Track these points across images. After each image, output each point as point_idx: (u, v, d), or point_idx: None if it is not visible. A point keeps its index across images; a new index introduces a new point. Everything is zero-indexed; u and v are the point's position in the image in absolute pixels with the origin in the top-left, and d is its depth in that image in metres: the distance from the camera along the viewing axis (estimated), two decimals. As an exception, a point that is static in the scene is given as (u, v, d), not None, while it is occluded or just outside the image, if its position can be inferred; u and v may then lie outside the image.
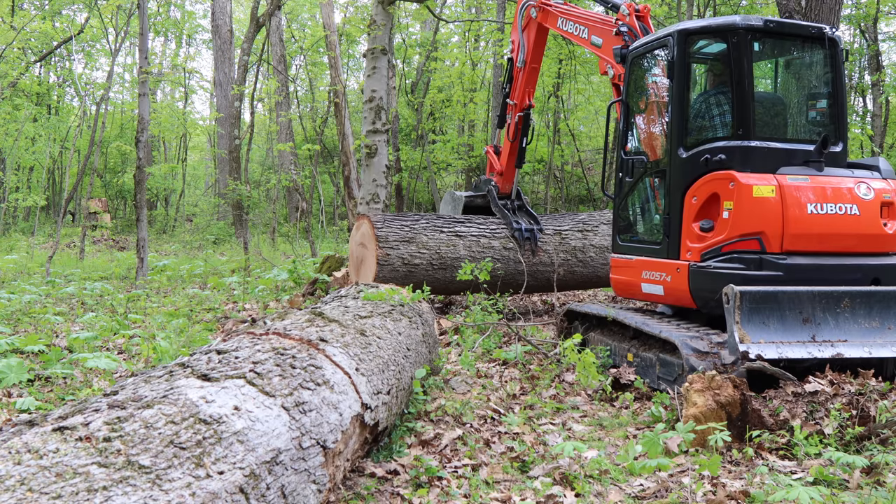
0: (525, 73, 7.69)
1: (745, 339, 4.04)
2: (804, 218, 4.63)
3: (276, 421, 2.31)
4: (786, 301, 4.20)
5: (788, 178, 4.69)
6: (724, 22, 5.06)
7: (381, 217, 7.43)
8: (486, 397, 4.55)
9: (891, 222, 4.87)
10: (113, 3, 12.87)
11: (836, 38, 5.15)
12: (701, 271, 4.77)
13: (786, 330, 4.16)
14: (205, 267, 11.76)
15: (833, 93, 5.25)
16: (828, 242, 4.71)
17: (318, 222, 20.16)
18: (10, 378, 4.36)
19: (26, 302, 7.55)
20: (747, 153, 4.78)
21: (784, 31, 5.15)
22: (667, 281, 5.10)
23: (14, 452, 1.69)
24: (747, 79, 4.87)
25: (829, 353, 4.09)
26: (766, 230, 4.60)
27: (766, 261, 4.59)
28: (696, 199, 4.94)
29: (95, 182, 22.61)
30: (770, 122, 5.18)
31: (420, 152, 18.84)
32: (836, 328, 4.23)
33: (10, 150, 18.25)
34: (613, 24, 6.04)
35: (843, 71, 5.22)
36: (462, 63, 18.78)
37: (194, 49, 35.67)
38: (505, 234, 7.61)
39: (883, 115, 17.22)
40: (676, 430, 3.40)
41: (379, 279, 7.04)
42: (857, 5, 16.65)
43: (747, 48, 4.90)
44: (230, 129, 17.72)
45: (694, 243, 4.89)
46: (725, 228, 4.70)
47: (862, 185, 4.82)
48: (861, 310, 4.30)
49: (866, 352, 4.15)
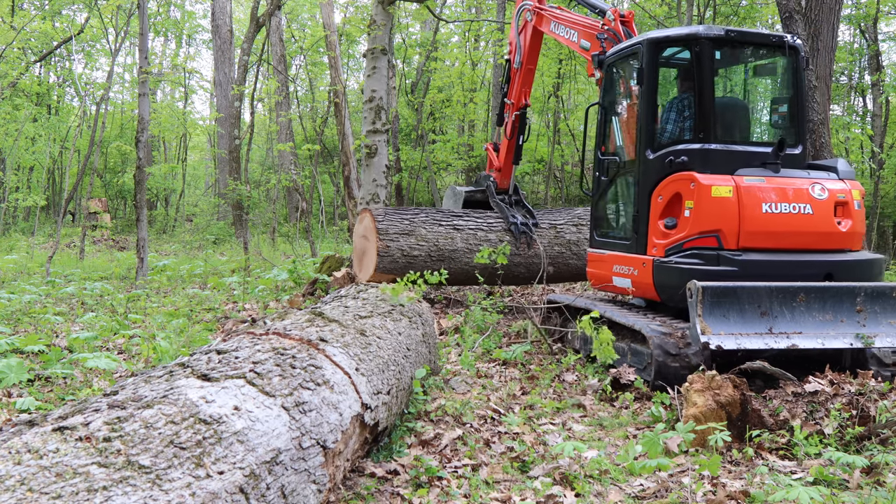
0: (521, 73, 7.92)
1: (707, 331, 4.25)
2: (759, 217, 4.89)
3: (276, 421, 2.31)
4: (745, 295, 4.43)
5: (745, 178, 4.96)
6: (688, 32, 5.42)
7: (381, 210, 7.71)
8: (486, 397, 4.55)
9: (845, 221, 5.10)
10: (113, 3, 12.87)
11: (797, 45, 5.42)
12: (663, 266, 5.07)
13: (745, 322, 4.38)
14: (205, 267, 11.76)
15: (794, 98, 5.52)
16: (782, 240, 4.97)
17: (318, 222, 20.15)
18: (10, 378, 4.36)
19: (26, 302, 7.55)
20: (707, 155, 5.07)
21: (745, 39, 5.50)
22: (634, 275, 5.43)
23: (14, 452, 1.69)
24: (708, 85, 5.19)
25: (785, 344, 4.34)
26: (724, 228, 4.87)
27: (722, 257, 4.84)
28: (661, 198, 5.24)
29: (95, 182, 22.61)
30: (731, 126, 5.47)
31: (420, 152, 18.83)
32: (792, 321, 4.46)
33: (10, 150, 18.25)
34: (600, 29, 6.25)
35: (803, 77, 5.51)
36: (462, 63, 18.77)
37: (194, 49, 35.70)
38: (501, 228, 7.90)
39: (883, 115, 17.22)
40: (676, 430, 3.40)
41: (379, 270, 7.35)
42: (857, 5, 16.65)
43: (708, 56, 5.20)
44: (230, 129, 17.72)
45: (659, 240, 5.19)
46: (687, 226, 5.00)
47: (816, 185, 5.07)
48: (816, 304, 4.53)
49: (819, 343, 4.38)
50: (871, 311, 4.57)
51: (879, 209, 16.49)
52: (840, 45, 17.21)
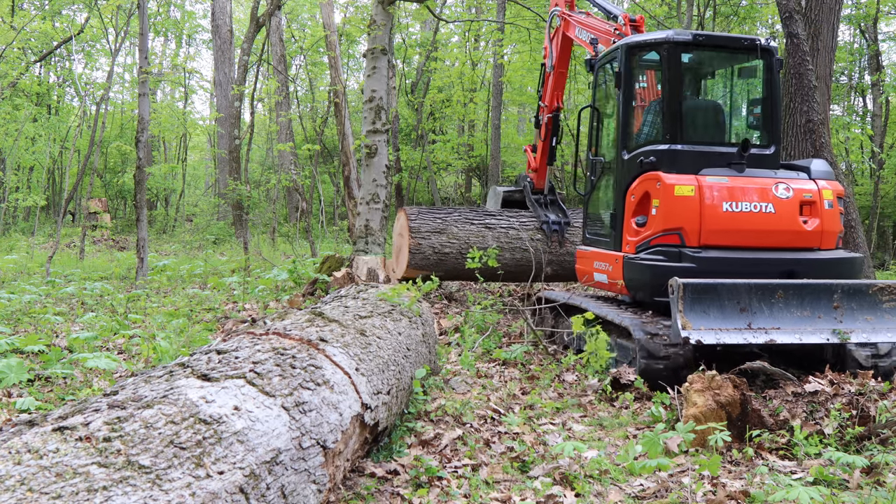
0: (553, 77, 8.19)
1: (687, 326, 4.34)
2: (720, 215, 5.02)
3: (276, 421, 2.30)
4: (725, 292, 4.51)
5: (708, 178, 5.10)
6: (658, 36, 5.58)
7: (415, 210, 8.18)
8: (486, 397, 4.55)
9: (811, 220, 5.20)
10: (113, 3, 12.86)
11: (770, 48, 5.51)
12: (631, 262, 5.28)
13: (724, 318, 4.47)
14: (205, 267, 11.75)
15: (767, 99, 5.63)
16: (743, 238, 5.09)
17: (318, 222, 20.15)
18: (10, 378, 4.36)
19: (26, 302, 7.55)
20: (673, 155, 5.24)
21: (716, 43, 5.68)
22: (609, 270, 5.66)
23: (14, 452, 1.69)
24: (676, 87, 5.37)
25: (763, 339, 4.41)
26: (686, 226, 5.03)
27: (683, 254, 4.98)
28: (633, 197, 5.42)
29: (95, 182, 22.59)
30: (699, 127, 5.62)
31: (420, 152, 18.83)
32: (771, 317, 4.55)
33: (10, 150, 18.24)
34: (615, 34, 6.37)
35: (777, 79, 5.60)
36: (462, 63, 18.77)
37: (194, 49, 35.66)
38: (534, 227, 8.22)
39: (883, 115, 17.22)
40: (676, 430, 3.40)
41: (411, 266, 7.81)
42: (857, 5, 16.64)
43: (676, 60, 5.40)
44: (230, 129, 17.71)
45: (631, 237, 5.39)
46: (654, 224, 5.17)
47: (781, 185, 5.18)
48: (794, 300, 4.61)
49: (797, 338, 4.47)
50: (848, 307, 4.65)
51: (879, 209, 16.48)
52: (840, 45, 17.21)
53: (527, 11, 14.09)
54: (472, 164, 20.83)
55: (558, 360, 5.49)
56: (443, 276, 8.03)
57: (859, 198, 16.85)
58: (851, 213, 7.87)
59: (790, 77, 9.42)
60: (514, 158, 20.82)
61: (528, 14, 14.39)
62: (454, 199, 22.34)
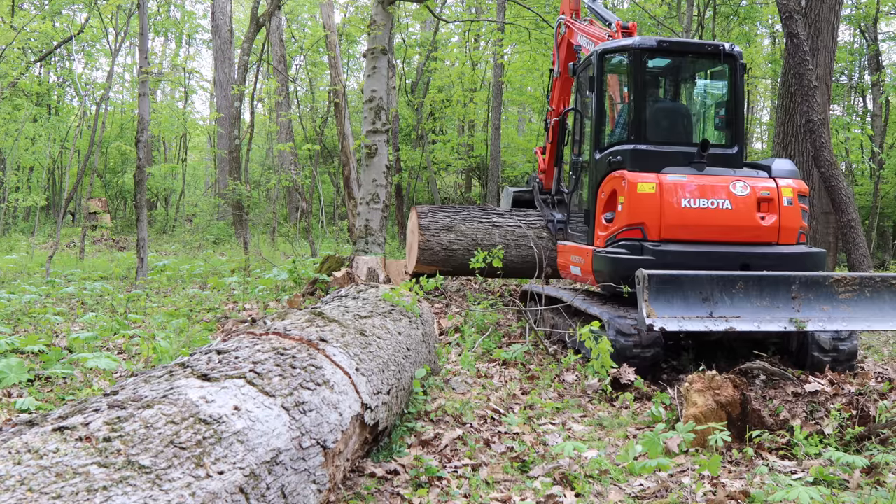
0: (560, 82, 8.43)
1: (652, 314, 4.56)
2: (678, 211, 5.32)
3: (276, 421, 2.30)
4: (688, 283, 4.74)
5: (668, 176, 5.40)
6: (625, 43, 5.92)
7: (426, 208, 8.51)
8: (486, 397, 4.55)
9: (769, 216, 5.46)
10: (113, 3, 12.86)
11: (734, 53, 5.81)
12: (598, 255, 5.59)
13: (688, 307, 4.69)
14: (205, 267, 11.75)
15: (731, 101, 5.97)
16: (700, 232, 5.38)
17: (318, 222, 20.14)
18: (10, 378, 4.36)
19: (26, 302, 7.54)
20: (638, 155, 5.56)
21: (680, 49, 6.05)
22: (581, 263, 5.98)
23: (14, 452, 1.69)
24: (640, 91, 5.72)
25: (724, 327, 4.65)
26: (647, 221, 5.34)
27: (644, 247, 5.29)
28: (603, 194, 5.74)
29: (95, 182, 22.58)
30: (663, 128, 5.93)
31: (420, 152, 18.82)
32: (732, 306, 4.76)
33: (10, 150, 18.23)
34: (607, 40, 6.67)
35: (741, 82, 5.92)
36: (462, 63, 18.76)
37: (194, 49, 35.65)
38: (540, 225, 8.43)
39: (883, 115, 17.22)
40: (676, 430, 3.40)
41: (420, 262, 8.14)
42: (857, 5, 16.64)
43: (640, 65, 5.76)
44: (230, 129, 17.71)
45: (601, 232, 5.72)
46: (619, 219, 5.47)
47: (739, 183, 5.46)
48: (754, 291, 4.83)
49: (756, 326, 4.71)
50: (806, 298, 4.87)
51: (879, 209, 16.47)
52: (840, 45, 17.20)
53: (527, 11, 14.08)
54: (472, 164, 20.81)
55: (558, 361, 5.50)
56: (451, 271, 8.37)
57: (859, 198, 16.84)
58: (851, 213, 7.88)
59: (790, 77, 9.41)
60: (514, 158, 20.82)
61: (528, 14, 14.38)
62: (454, 199, 22.34)
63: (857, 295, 4.89)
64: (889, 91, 16.68)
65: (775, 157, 10.15)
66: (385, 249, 8.78)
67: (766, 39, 22.33)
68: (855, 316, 4.84)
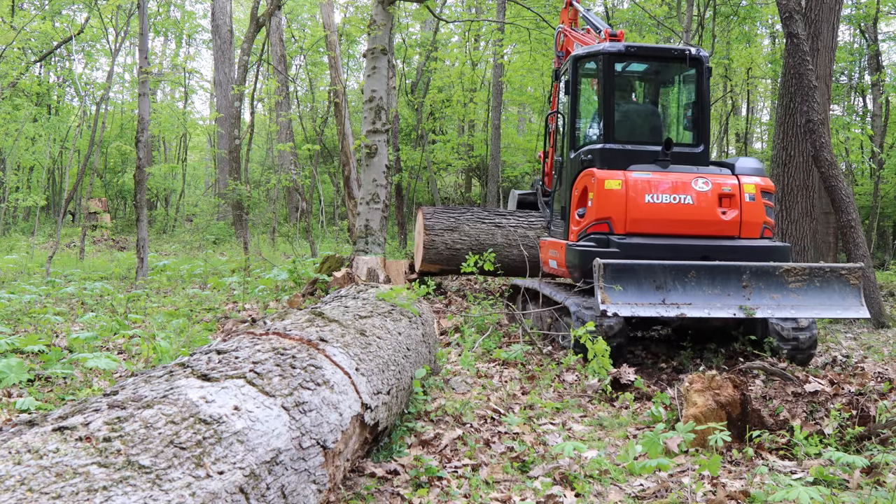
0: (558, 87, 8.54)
1: (607, 301, 4.84)
2: (643, 206, 5.59)
3: (276, 421, 2.30)
4: (642, 272, 4.99)
5: (634, 173, 5.68)
6: (595, 48, 6.21)
7: (431, 209, 8.80)
8: (486, 397, 4.55)
9: (730, 211, 5.69)
10: (113, 3, 12.85)
11: (700, 57, 6.09)
12: (570, 248, 5.85)
13: (641, 294, 4.94)
14: (205, 267, 11.75)
15: (697, 102, 6.24)
16: (663, 226, 5.65)
17: (318, 222, 20.14)
18: (10, 378, 4.36)
19: (26, 302, 7.54)
20: (606, 154, 5.86)
21: (647, 53, 6.35)
22: (558, 257, 6.28)
23: (14, 452, 1.69)
24: (609, 93, 6.00)
25: (675, 313, 4.91)
26: (613, 216, 5.60)
27: (610, 240, 5.56)
28: (577, 191, 6.03)
29: (95, 182, 22.59)
30: (630, 128, 6.24)
31: (420, 152, 18.82)
32: (684, 294, 5.01)
33: (10, 150, 18.23)
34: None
35: (707, 85, 6.19)
36: (462, 63, 18.76)
37: (194, 49, 35.65)
38: (541, 226, 8.68)
39: (883, 115, 17.22)
40: (676, 430, 3.40)
41: (425, 261, 8.50)
42: (857, 5, 16.64)
43: (609, 69, 6.05)
44: (230, 129, 17.71)
45: (575, 227, 5.99)
46: (590, 215, 5.74)
47: (700, 179, 5.72)
48: (705, 279, 5.08)
49: (706, 312, 4.96)
50: (756, 286, 5.10)
51: (879, 209, 16.47)
52: (840, 45, 17.21)
53: (527, 11, 14.08)
54: (472, 164, 20.83)
55: (558, 361, 5.50)
56: (454, 270, 8.47)
57: (859, 198, 16.84)
58: (851, 213, 7.87)
59: (790, 77, 9.40)
60: (514, 158, 20.82)
61: (528, 14, 14.38)
62: (454, 199, 22.34)
63: (807, 284, 5.12)
64: (889, 91, 16.69)
65: (774, 156, 10.16)
66: (385, 249, 8.78)
67: (766, 39, 22.34)
68: (803, 304, 5.07)
